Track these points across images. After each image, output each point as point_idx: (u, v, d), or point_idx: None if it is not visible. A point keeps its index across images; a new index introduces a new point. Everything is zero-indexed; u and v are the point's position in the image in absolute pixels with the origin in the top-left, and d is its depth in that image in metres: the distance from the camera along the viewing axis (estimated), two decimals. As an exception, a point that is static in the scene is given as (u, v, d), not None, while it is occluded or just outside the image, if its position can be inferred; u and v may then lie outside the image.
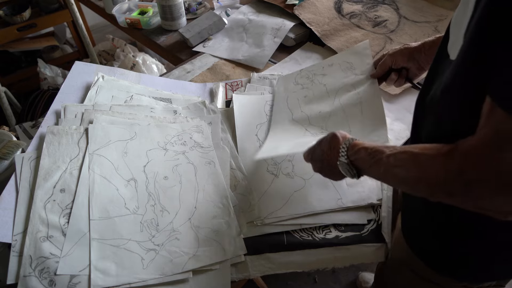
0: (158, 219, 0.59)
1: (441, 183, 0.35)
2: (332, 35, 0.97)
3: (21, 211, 0.58)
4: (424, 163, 0.37)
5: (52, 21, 1.61)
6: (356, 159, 0.45)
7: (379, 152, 0.42)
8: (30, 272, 0.52)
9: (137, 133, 0.70)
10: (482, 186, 0.32)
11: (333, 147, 0.49)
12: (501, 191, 0.31)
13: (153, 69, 1.52)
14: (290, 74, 0.83)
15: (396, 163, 0.40)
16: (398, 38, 0.95)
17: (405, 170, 0.39)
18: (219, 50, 1.00)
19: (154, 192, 0.62)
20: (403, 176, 0.39)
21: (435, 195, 0.36)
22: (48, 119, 0.73)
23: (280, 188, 0.65)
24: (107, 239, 0.56)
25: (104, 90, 0.79)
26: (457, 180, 0.33)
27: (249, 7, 1.13)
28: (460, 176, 0.33)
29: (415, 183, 0.38)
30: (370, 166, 0.43)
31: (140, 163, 0.66)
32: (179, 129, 0.72)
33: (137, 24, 1.10)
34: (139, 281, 0.53)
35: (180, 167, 0.66)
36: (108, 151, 0.66)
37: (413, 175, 0.38)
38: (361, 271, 1.18)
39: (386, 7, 1.02)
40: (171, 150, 0.69)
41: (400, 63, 0.65)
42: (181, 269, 0.55)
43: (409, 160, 0.38)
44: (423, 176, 0.37)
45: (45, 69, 1.65)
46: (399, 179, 0.40)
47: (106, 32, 1.90)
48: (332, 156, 0.49)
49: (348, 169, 0.46)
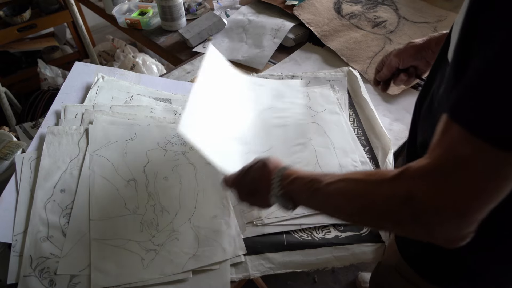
0: (158, 219, 0.59)
1: (387, 212, 0.32)
2: (331, 36, 0.97)
3: (21, 211, 0.58)
4: (368, 191, 0.33)
5: (52, 22, 1.61)
6: (291, 189, 0.41)
7: (316, 181, 0.38)
8: (30, 272, 0.52)
9: (137, 133, 0.70)
10: (432, 213, 0.29)
11: (264, 177, 0.44)
12: (453, 218, 0.28)
13: (153, 70, 1.52)
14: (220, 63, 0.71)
15: (336, 192, 0.36)
16: (398, 39, 0.95)
17: (347, 200, 0.35)
18: (218, 50, 1.00)
19: (154, 193, 0.62)
20: (345, 206, 0.36)
21: (383, 225, 0.34)
22: (48, 120, 0.73)
23: (279, 188, 0.65)
24: (107, 239, 0.56)
25: (104, 90, 0.79)
26: (404, 208, 0.30)
27: (248, 8, 1.13)
28: (408, 203, 0.29)
29: (359, 213, 0.35)
30: (307, 197, 0.39)
31: (140, 164, 0.66)
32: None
33: (137, 25, 1.10)
34: (139, 281, 0.53)
35: (180, 168, 0.67)
36: (108, 152, 0.66)
37: (355, 204, 0.34)
38: (360, 271, 1.18)
39: (386, 8, 1.02)
40: (171, 150, 0.69)
41: (407, 63, 0.61)
42: (181, 269, 0.55)
43: (351, 188, 0.35)
44: (367, 205, 0.33)
45: (45, 69, 1.65)
46: (340, 209, 0.37)
47: (106, 32, 1.90)
48: (263, 187, 0.43)
49: (283, 202, 0.42)
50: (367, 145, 0.73)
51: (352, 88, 0.85)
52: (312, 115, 0.76)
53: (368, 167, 0.67)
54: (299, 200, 0.41)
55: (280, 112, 0.72)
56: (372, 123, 0.77)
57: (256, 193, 0.46)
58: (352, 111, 0.80)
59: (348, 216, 0.37)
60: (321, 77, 0.86)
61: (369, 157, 0.70)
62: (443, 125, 0.28)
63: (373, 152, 0.72)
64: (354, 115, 0.80)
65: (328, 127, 0.74)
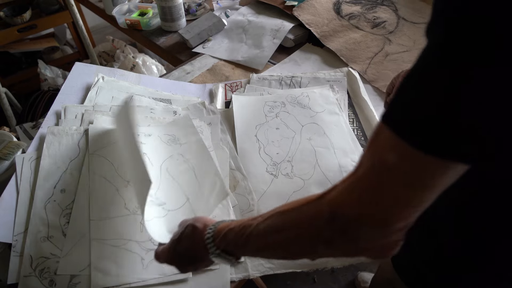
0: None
1: (317, 234, 0.30)
2: (331, 36, 0.97)
3: (22, 212, 0.59)
4: (294, 217, 0.32)
5: (52, 22, 1.62)
6: (227, 244, 0.39)
7: (246, 226, 0.36)
8: (30, 272, 0.52)
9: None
10: (356, 227, 0.28)
11: (197, 242, 0.41)
12: (377, 229, 0.27)
13: (153, 70, 1.52)
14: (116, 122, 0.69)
15: (266, 229, 0.34)
16: (397, 39, 0.95)
17: (277, 233, 0.33)
18: (218, 51, 1.00)
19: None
20: (277, 242, 0.33)
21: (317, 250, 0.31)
22: (48, 120, 0.73)
23: (279, 188, 0.65)
24: (107, 239, 0.57)
25: (104, 91, 0.79)
26: (330, 226, 0.29)
27: (248, 8, 1.13)
28: (333, 220, 0.29)
29: (290, 244, 0.33)
30: (243, 246, 0.37)
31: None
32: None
33: (137, 25, 1.11)
34: (139, 281, 0.53)
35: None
36: (108, 152, 0.66)
37: (285, 235, 0.33)
38: (360, 270, 1.18)
39: (385, 8, 1.03)
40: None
41: None
42: (180, 269, 0.55)
43: (278, 221, 0.33)
44: (297, 233, 0.32)
45: (46, 70, 1.65)
46: (274, 246, 0.34)
47: (106, 33, 1.91)
48: (199, 252, 0.41)
49: (224, 259, 0.40)
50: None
51: (351, 89, 0.85)
52: (311, 115, 0.77)
53: None
54: (238, 252, 0.39)
55: (181, 157, 0.66)
56: (372, 124, 0.77)
57: (194, 260, 0.43)
58: (352, 112, 0.81)
59: (282, 250, 0.35)
60: (321, 78, 0.86)
61: (368, 157, 0.71)
62: (375, 130, 0.27)
63: (373, 153, 0.72)
64: (353, 115, 0.80)
65: (327, 127, 0.74)
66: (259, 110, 0.78)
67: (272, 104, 0.79)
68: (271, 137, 0.73)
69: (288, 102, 0.79)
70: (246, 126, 0.75)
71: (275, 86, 0.86)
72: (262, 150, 0.71)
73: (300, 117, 0.76)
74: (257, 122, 0.76)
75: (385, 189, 0.26)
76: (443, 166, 0.24)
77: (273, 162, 0.69)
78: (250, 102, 0.80)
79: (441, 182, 0.25)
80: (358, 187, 0.28)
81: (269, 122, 0.76)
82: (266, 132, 0.74)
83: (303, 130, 0.74)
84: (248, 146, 0.72)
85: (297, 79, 0.86)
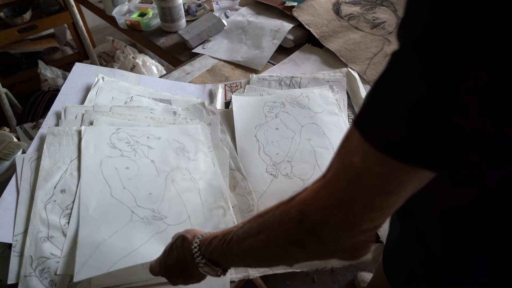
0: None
1: (289, 236, 0.30)
2: (330, 37, 0.97)
3: (22, 212, 0.59)
4: (267, 220, 0.32)
5: (52, 23, 1.62)
6: (211, 252, 0.38)
7: (229, 232, 0.36)
8: (30, 272, 0.53)
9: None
10: (324, 228, 0.28)
11: (186, 252, 0.41)
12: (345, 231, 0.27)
13: (152, 71, 1.53)
14: (101, 129, 0.68)
15: (244, 234, 0.34)
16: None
17: (253, 237, 0.33)
18: (218, 51, 1.00)
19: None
20: (253, 246, 0.33)
21: (292, 253, 0.31)
22: (48, 120, 0.73)
23: (279, 188, 0.66)
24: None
25: (104, 91, 0.80)
26: (300, 228, 0.29)
27: (248, 9, 1.14)
28: (302, 222, 0.29)
29: (265, 248, 0.33)
30: (224, 253, 0.37)
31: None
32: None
33: (137, 26, 1.11)
34: (139, 281, 0.54)
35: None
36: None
37: (260, 238, 0.32)
38: (359, 270, 1.19)
39: (384, 9, 1.03)
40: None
41: None
42: (180, 269, 0.55)
43: (254, 224, 0.33)
44: (269, 235, 0.32)
45: (46, 70, 1.65)
46: (251, 251, 0.34)
47: (106, 33, 1.91)
48: (188, 262, 0.41)
49: (210, 269, 0.39)
50: (366, 146, 0.74)
51: (351, 89, 0.85)
52: (311, 116, 0.77)
53: None
54: (222, 260, 0.39)
55: (187, 173, 0.64)
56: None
57: (184, 272, 0.42)
58: (351, 112, 0.81)
59: (261, 255, 0.34)
60: (320, 78, 0.86)
61: (367, 157, 0.71)
62: (346, 133, 0.28)
63: (372, 153, 0.72)
64: (353, 115, 0.80)
65: (327, 127, 0.75)
66: (259, 111, 0.79)
67: (272, 105, 0.79)
68: (270, 138, 0.73)
69: (287, 103, 0.79)
70: (246, 126, 0.75)
71: (275, 86, 0.86)
72: (261, 150, 0.71)
73: (300, 117, 0.76)
74: (256, 123, 0.76)
75: (351, 192, 0.26)
76: (409, 172, 0.24)
77: (272, 163, 0.69)
78: (249, 102, 0.80)
79: (407, 188, 0.25)
80: (325, 189, 0.28)
81: (268, 122, 0.76)
82: (266, 133, 0.74)
83: (303, 130, 0.74)
84: (248, 147, 0.72)
85: (296, 80, 0.87)
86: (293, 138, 0.73)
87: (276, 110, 0.78)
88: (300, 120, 0.76)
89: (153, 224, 0.58)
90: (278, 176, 0.67)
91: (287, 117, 0.77)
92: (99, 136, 0.67)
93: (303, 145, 0.72)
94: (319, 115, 0.77)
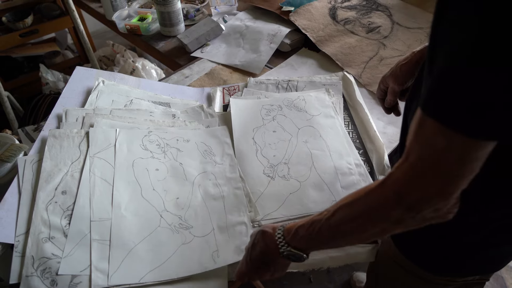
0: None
1: (386, 216, 0.35)
2: (326, 41, 0.99)
3: (24, 213, 0.60)
4: (363, 207, 0.37)
5: (53, 27, 1.64)
6: (298, 241, 0.43)
7: (316, 221, 0.41)
8: (32, 272, 0.53)
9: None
10: (422, 203, 0.33)
11: (269, 243, 0.46)
12: (439, 202, 0.32)
13: (152, 74, 1.54)
14: (135, 131, 0.70)
15: (338, 223, 0.39)
16: (392, 44, 0.97)
17: (350, 222, 0.38)
18: (216, 55, 1.02)
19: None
20: (351, 230, 0.38)
21: (388, 230, 0.37)
22: (50, 123, 0.74)
23: (276, 190, 0.66)
24: (107, 240, 0.58)
25: (104, 94, 0.81)
26: (398, 207, 0.34)
27: (246, 14, 1.15)
28: (400, 202, 0.33)
29: (364, 230, 0.38)
30: (313, 239, 0.42)
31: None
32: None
33: (137, 30, 1.13)
34: (139, 281, 0.54)
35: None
36: (108, 154, 0.68)
37: (359, 223, 0.37)
38: (355, 270, 1.19)
39: (380, 14, 1.05)
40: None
41: (407, 82, 0.61)
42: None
43: (348, 212, 0.38)
44: (368, 219, 0.37)
45: (47, 74, 1.67)
46: (349, 234, 0.39)
47: (107, 38, 1.93)
48: (272, 254, 0.45)
49: (294, 255, 0.44)
50: (362, 148, 0.75)
51: (347, 92, 0.87)
52: (307, 118, 0.78)
53: (362, 169, 0.69)
54: (308, 247, 0.44)
55: (213, 178, 0.65)
56: (366, 127, 0.78)
57: (269, 263, 0.47)
58: (347, 115, 0.82)
59: (357, 236, 0.40)
60: (317, 82, 0.88)
61: (363, 159, 0.72)
62: (418, 121, 0.32)
63: (368, 155, 0.74)
64: (349, 118, 0.81)
65: (323, 130, 0.76)
66: (256, 113, 0.80)
67: (269, 108, 0.81)
68: (268, 140, 0.74)
69: (284, 106, 0.81)
70: (244, 129, 0.77)
71: (272, 89, 0.87)
72: (259, 152, 0.73)
73: (297, 120, 0.78)
74: (254, 125, 0.77)
75: (441, 168, 0.31)
76: (482, 145, 0.29)
77: (270, 164, 0.71)
78: (247, 105, 0.82)
79: (483, 155, 0.30)
80: (415, 170, 0.32)
81: (266, 125, 0.77)
82: (263, 135, 0.75)
83: (300, 133, 0.76)
84: (246, 149, 0.73)
85: (293, 83, 0.88)
86: (290, 141, 0.74)
87: (273, 113, 0.80)
88: (296, 123, 0.77)
89: (180, 233, 0.59)
90: (275, 177, 0.68)
91: (284, 120, 0.78)
92: (131, 138, 0.69)
93: (300, 147, 0.73)
94: (316, 118, 0.78)
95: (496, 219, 0.43)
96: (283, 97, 0.83)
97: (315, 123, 0.77)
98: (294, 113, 0.79)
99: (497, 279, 1.19)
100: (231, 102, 0.82)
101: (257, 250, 0.47)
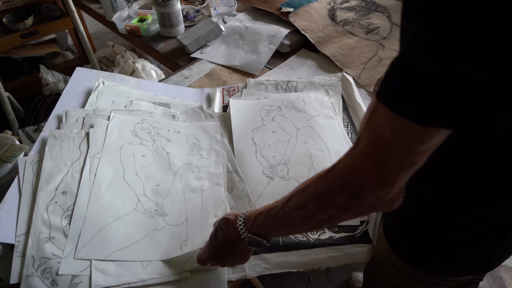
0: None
1: (333, 203, 0.36)
2: (326, 42, 0.99)
3: (24, 213, 0.60)
4: (313, 193, 0.37)
5: (54, 28, 1.64)
6: (256, 227, 0.44)
7: (273, 208, 0.42)
8: (32, 272, 0.54)
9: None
10: (367, 190, 0.33)
11: (231, 230, 0.47)
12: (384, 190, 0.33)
13: (152, 75, 1.55)
14: (128, 118, 0.72)
15: (291, 208, 0.40)
16: (390, 45, 0.97)
17: (302, 208, 0.39)
18: (216, 56, 1.02)
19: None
20: (304, 216, 0.39)
21: (338, 217, 0.37)
22: (50, 124, 0.75)
23: (275, 190, 0.67)
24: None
25: (104, 95, 0.81)
26: (344, 194, 0.34)
27: (245, 15, 1.16)
28: (346, 189, 0.34)
29: (314, 216, 0.38)
30: (271, 226, 0.43)
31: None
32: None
33: (137, 31, 1.13)
34: (139, 281, 0.55)
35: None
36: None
37: (309, 209, 0.38)
38: (354, 270, 1.19)
39: (379, 15, 1.05)
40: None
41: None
42: (179, 269, 0.56)
43: (300, 199, 0.39)
44: (318, 205, 0.37)
45: (47, 75, 1.67)
46: (301, 220, 0.40)
47: (107, 39, 1.93)
48: (234, 240, 0.46)
49: (255, 241, 0.45)
50: (361, 148, 0.75)
51: (346, 93, 0.87)
52: (307, 119, 0.78)
53: None
54: (268, 233, 0.45)
55: (196, 171, 0.66)
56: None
57: (232, 249, 0.48)
58: (346, 115, 0.82)
59: (310, 223, 0.40)
60: (316, 82, 0.88)
61: (362, 159, 0.72)
62: (371, 108, 0.32)
63: (367, 155, 0.74)
64: (348, 119, 0.82)
65: (322, 131, 0.76)
66: (256, 114, 0.80)
67: (269, 108, 0.81)
68: (267, 140, 0.75)
69: (284, 106, 0.81)
70: (243, 129, 0.77)
71: (271, 90, 0.88)
72: (258, 153, 0.73)
73: (296, 120, 0.78)
74: (253, 126, 0.78)
75: (385, 156, 0.31)
76: (429, 134, 0.29)
77: (269, 165, 0.71)
78: (247, 106, 0.82)
79: (427, 148, 0.30)
80: (361, 157, 0.33)
81: (265, 125, 0.78)
82: (263, 136, 0.76)
83: (299, 133, 0.76)
84: (245, 149, 0.74)
85: (292, 84, 0.88)
86: (289, 141, 0.74)
87: (272, 114, 0.80)
88: (296, 124, 0.78)
89: (154, 219, 0.60)
90: (275, 178, 0.69)
91: (283, 121, 0.78)
92: (124, 124, 0.71)
93: (299, 148, 0.73)
94: (315, 119, 0.79)
95: (485, 218, 0.43)
96: (283, 97, 0.83)
97: (315, 123, 0.77)
98: (294, 113, 0.79)
99: (495, 279, 1.19)
100: (231, 102, 0.82)
101: (219, 237, 0.48)
